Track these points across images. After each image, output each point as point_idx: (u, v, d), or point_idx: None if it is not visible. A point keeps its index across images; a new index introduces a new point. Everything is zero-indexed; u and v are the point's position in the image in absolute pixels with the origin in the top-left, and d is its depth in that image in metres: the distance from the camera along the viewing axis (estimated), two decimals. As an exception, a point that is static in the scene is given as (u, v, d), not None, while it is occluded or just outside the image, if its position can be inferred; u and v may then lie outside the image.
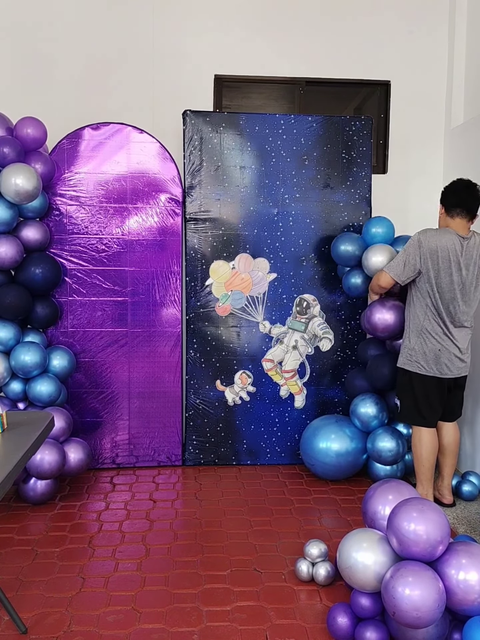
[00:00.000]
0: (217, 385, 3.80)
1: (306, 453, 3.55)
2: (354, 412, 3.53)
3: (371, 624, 2.07)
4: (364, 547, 2.06)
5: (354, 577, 2.06)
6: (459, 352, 3.02)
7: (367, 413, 3.47)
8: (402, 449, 3.39)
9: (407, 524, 1.92)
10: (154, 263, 3.69)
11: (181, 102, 3.90)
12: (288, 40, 4.08)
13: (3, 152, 3.12)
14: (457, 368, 3.05)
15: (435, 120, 4.24)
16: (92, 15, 3.95)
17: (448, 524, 1.96)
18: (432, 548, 1.91)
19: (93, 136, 3.61)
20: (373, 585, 2.02)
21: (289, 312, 3.82)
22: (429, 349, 3.02)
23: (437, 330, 3.00)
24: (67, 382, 3.61)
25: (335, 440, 3.44)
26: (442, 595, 1.84)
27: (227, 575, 2.57)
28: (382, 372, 3.41)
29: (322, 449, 3.44)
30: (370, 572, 2.01)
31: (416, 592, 1.81)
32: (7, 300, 3.19)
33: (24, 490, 3.17)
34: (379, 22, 4.13)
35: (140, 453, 3.76)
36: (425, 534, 1.90)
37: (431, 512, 1.94)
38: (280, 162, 3.74)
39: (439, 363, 3.01)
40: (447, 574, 1.89)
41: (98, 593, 2.42)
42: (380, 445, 3.37)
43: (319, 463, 3.47)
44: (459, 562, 1.89)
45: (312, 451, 3.48)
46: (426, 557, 1.92)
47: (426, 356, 3.03)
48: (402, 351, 3.16)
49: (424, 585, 1.82)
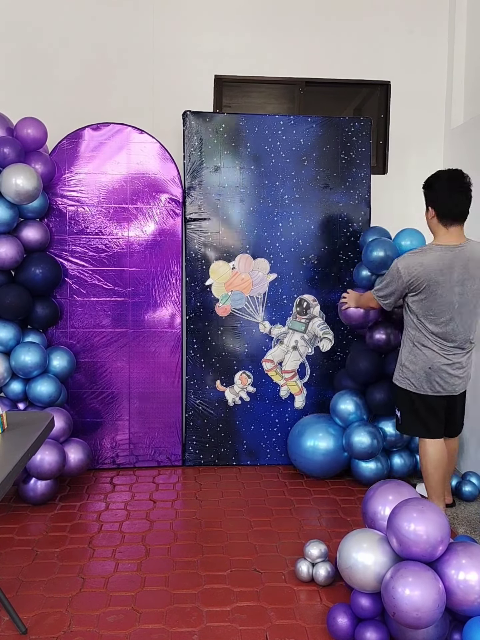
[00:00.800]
0: (217, 385, 3.80)
1: (292, 451, 3.62)
2: (334, 410, 3.58)
3: (371, 624, 2.07)
4: (364, 547, 2.06)
5: (354, 578, 2.06)
6: (454, 370, 2.80)
7: (347, 410, 3.50)
8: (377, 443, 3.37)
9: (407, 524, 1.92)
10: (154, 263, 3.69)
11: (181, 102, 3.90)
12: (288, 41, 4.08)
13: (3, 152, 3.12)
14: (452, 385, 2.83)
15: (435, 120, 4.24)
16: (92, 15, 3.95)
17: (448, 524, 1.96)
18: (432, 548, 1.91)
19: (93, 136, 3.61)
20: (373, 585, 2.03)
21: (289, 313, 3.82)
22: (419, 367, 2.82)
23: (430, 349, 2.79)
24: (67, 382, 3.61)
25: (322, 438, 3.49)
26: (442, 596, 1.84)
27: (227, 576, 2.57)
28: (359, 366, 3.48)
29: (308, 447, 3.49)
30: (370, 572, 2.02)
31: (416, 593, 1.81)
32: (7, 301, 3.19)
33: (24, 491, 3.17)
34: (379, 22, 4.13)
35: (140, 453, 3.76)
36: (425, 534, 1.90)
37: (431, 512, 1.94)
38: (280, 163, 3.74)
39: (430, 382, 2.82)
40: (447, 574, 1.89)
41: (98, 593, 2.43)
42: (354, 439, 3.38)
43: (303, 460, 3.54)
44: (459, 562, 1.89)
45: (299, 449, 3.54)
46: (426, 558, 1.92)
47: (416, 374, 2.84)
48: (397, 367, 2.99)
49: (424, 586, 1.82)
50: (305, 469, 3.56)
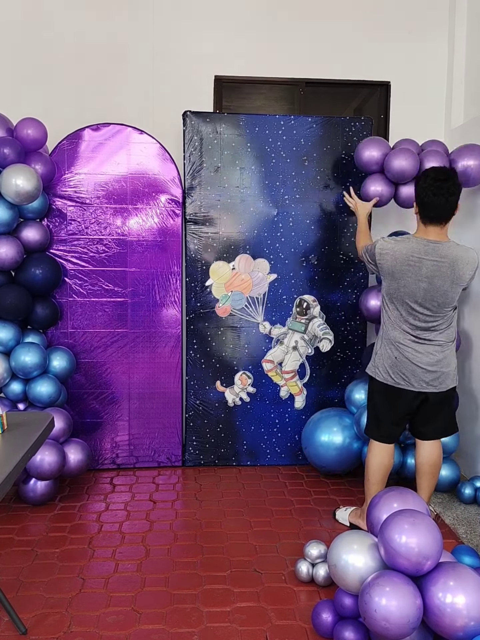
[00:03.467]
0: (217, 386, 3.80)
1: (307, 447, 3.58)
2: (349, 399, 3.55)
3: (351, 623, 2.07)
4: (354, 549, 2.06)
5: (338, 575, 2.07)
6: (425, 365, 2.70)
7: (362, 398, 3.43)
8: None
9: (398, 537, 1.89)
10: (154, 264, 3.69)
11: (181, 102, 3.90)
12: (288, 41, 4.08)
13: (3, 152, 3.12)
14: (422, 382, 2.72)
15: (435, 120, 4.23)
16: (92, 15, 3.94)
17: (440, 541, 1.91)
18: (417, 563, 1.86)
19: (93, 137, 3.61)
20: (356, 586, 2.02)
21: (289, 313, 3.82)
22: (388, 356, 2.77)
23: (399, 338, 2.73)
24: (67, 382, 3.61)
25: (337, 432, 3.44)
26: (417, 612, 1.80)
27: (227, 576, 2.57)
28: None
29: (323, 441, 3.45)
30: (355, 574, 2.01)
31: (392, 603, 1.79)
32: (7, 301, 3.19)
33: (24, 491, 3.17)
34: (379, 22, 4.13)
35: (140, 454, 3.76)
36: (416, 546, 1.86)
37: (424, 526, 1.90)
38: (280, 163, 3.74)
39: (398, 373, 2.74)
40: (431, 593, 1.83)
41: (98, 594, 2.43)
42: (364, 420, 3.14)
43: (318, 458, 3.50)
44: (446, 584, 1.82)
45: (313, 444, 3.50)
46: (410, 571, 1.89)
47: (385, 363, 2.78)
48: (372, 355, 2.94)
49: (400, 598, 1.79)
50: (320, 464, 3.53)
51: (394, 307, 2.75)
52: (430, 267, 2.63)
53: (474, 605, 1.78)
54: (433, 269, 2.63)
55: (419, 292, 2.65)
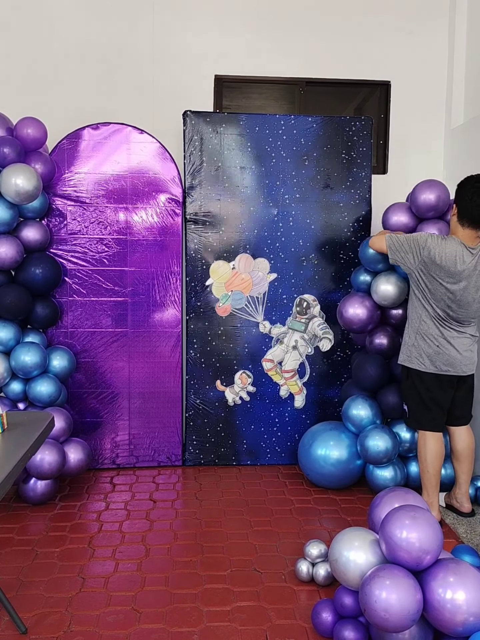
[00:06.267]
0: (217, 385, 3.80)
1: (302, 463, 3.51)
2: (346, 416, 3.44)
3: (350, 622, 2.07)
4: (355, 545, 2.07)
5: (338, 571, 2.08)
6: (458, 354, 2.92)
7: (359, 415, 3.35)
8: (393, 447, 3.21)
9: (399, 531, 1.90)
10: (154, 263, 3.69)
11: (181, 102, 3.90)
12: (288, 40, 4.08)
13: (3, 152, 3.12)
14: (459, 365, 2.93)
15: (435, 120, 4.24)
16: (92, 15, 3.95)
17: (441, 536, 1.93)
18: (418, 557, 1.87)
19: (93, 136, 3.61)
20: (357, 582, 2.03)
21: (289, 312, 3.82)
22: (426, 347, 2.94)
23: (434, 332, 2.92)
24: (67, 382, 3.61)
25: (334, 447, 3.35)
26: (417, 605, 1.81)
27: (227, 576, 2.57)
28: (368, 372, 3.38)
29: (319, 455, 3.36)
30: (356, 569, 2.02)
31: (392, 596, 1.80)
32: (7, 301, 3.19)
33: (24, 491, 3.17)
34: (379, 22, 4.13)
35: (140, 453, 3.76)
36: (417, 541, 1.87)
37: (424, 521, 1.91)
38: (280, 163, 3.74)
39: (437, 361, 2.93)
40: (431, 588, 1.85)
41: (98, 593, 2.43)
42: (369, 443, 3.21)
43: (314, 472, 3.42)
44: (446, 580, 1.84)
45: (309, 459, 3.42)
46: (410, 565, 1.90)
47: (423, 354, 2.95)
48: (402, 348, 3.08)
49: (400, 591, 1.81)
50: (316, 480, 3.45)
51: (431, 303, 2.92)
52: (470, 268, 2.83)
53: (473, 601, 1.80)
54: (471, 269, 2.83)
55: (458, 291, 2.84)
